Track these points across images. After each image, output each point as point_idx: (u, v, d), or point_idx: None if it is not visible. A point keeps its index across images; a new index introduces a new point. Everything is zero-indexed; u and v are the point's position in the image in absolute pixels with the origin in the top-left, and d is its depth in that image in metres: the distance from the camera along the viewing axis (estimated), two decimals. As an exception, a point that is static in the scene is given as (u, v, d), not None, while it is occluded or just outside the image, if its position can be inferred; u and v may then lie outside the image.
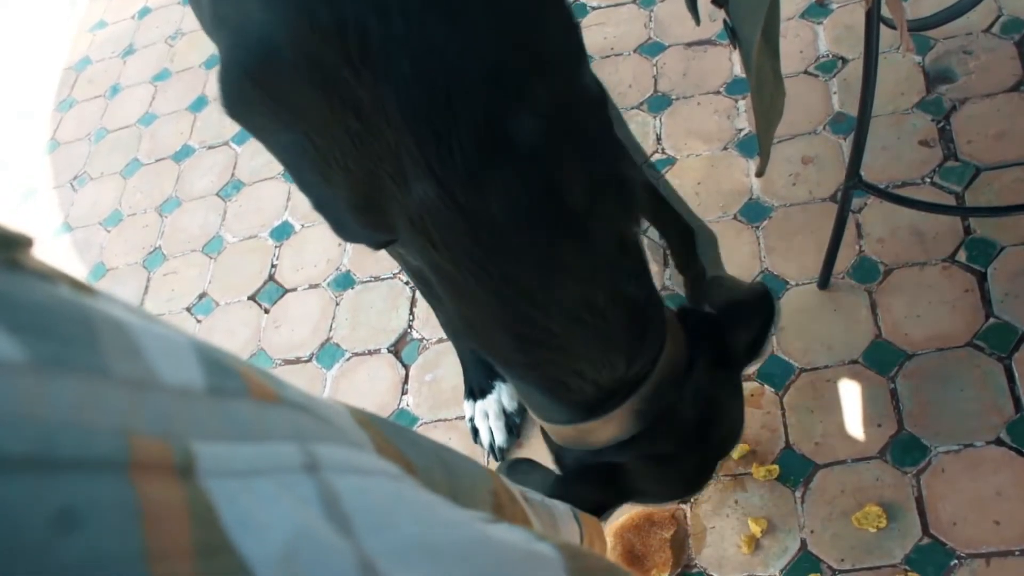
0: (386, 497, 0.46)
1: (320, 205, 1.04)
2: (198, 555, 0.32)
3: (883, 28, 1.31)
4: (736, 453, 1.56)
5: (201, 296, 2.24)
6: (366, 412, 0.64)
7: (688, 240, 1.60)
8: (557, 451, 1.20)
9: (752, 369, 1.64)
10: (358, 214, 0.98)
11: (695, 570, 1.51)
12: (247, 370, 0.44)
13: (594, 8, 2.37)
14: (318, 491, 0.40)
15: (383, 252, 2.07)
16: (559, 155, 0.92)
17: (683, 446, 1.14)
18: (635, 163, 1.15)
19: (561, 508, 1.10)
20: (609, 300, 0.99)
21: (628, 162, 1.14)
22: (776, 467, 1.54)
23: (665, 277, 1.82)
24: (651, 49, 2.23)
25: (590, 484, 1.13)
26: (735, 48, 1.12)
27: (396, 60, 0.83)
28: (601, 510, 1.18)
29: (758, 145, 1.24)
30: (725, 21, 1.13)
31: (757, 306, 1.20)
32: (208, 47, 2.85)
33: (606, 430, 1.08)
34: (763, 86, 1.22)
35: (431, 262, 0.97)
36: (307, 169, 0.96)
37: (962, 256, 1.65)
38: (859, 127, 1.38)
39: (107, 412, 0.32)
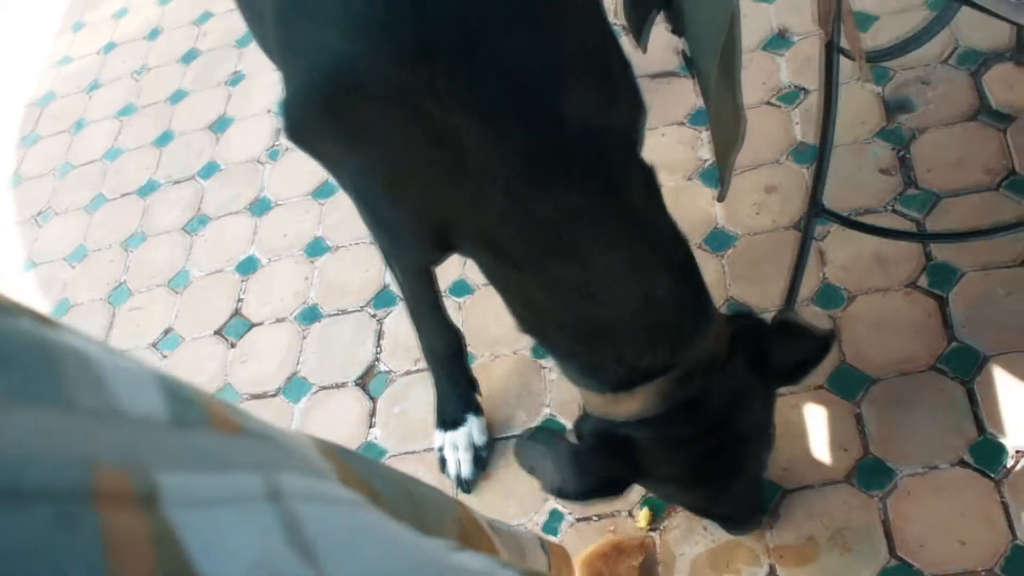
0: (349, 525, 0.46)
1: (381, 225, 1.09)
2: None
3: (843, 59, 1.33)
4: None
5: (167, 331, 2.23)
6: (331, 443, 0.64)
7: None
8: (578, 422, 1.21)
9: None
10: (423, 232, 1.03)
11: (665, 598, 1.51)
12: (209, 401, 0.44)
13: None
14: (281, 519, 0.40)
15: (351, 286, 2.08)
16: (620, 162, 0.99)
17: (701, 433, 1.14)
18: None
19: (528, 537, 1.10)
20: (667, 292, 1.03)
21: None
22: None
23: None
24: (615, 81, 2.25)
25: (607, 453, 1.13)
26: (694, 77, 1.15)
27: (482, 85, 0.86)
28: (615, 486, 1.17)
29: (718, 171, 1.26)
30: (683, 52, 1.15)
31: (814, 337, 1.18)
32: (174, 82, 2.85)
33: (631, 405, 1.09)
34: (721, 115, 1.24)
35: (496, 273, 1.04)
36: (376, 193, 1.00)
37: (923, 282, 1.67)
38: (820, 156, 1.40)
39: (71, 442, 0.33)
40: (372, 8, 0.84)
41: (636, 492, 1.59)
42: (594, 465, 1.14)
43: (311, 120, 0.93)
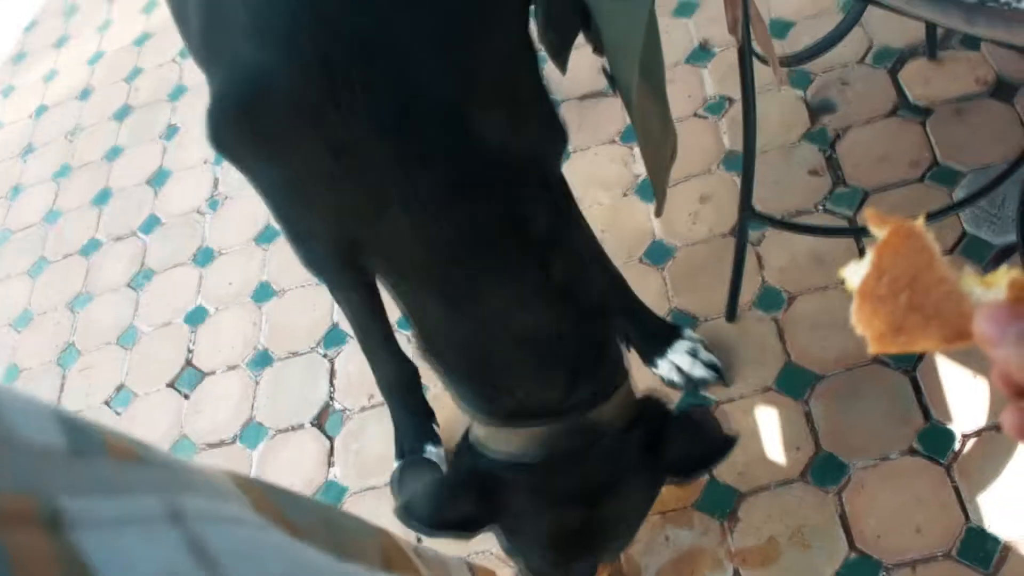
0: (252, 542, 0.47)
1: (295, 239, 1.08)
2: None
3: (763, 67, 1.36)
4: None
5: (119, 388, 2.21)
6: (250, 477, 0.65)
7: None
8: (459, 448, 1.18)
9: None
10: (334, 247, 1.03)
11: (633, 610, 1.52)
12: (107, 433, 0.45)
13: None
14: (184, 538, 0.41)
15: (300, 328, 2.08)
16: (524, 190, 0.98)
17: (568, 497, 1.10)
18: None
19: (455, 562, 1.10)
20: (568, 333, 1.01)
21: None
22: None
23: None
24: (546, 105, 2.27)
25: (472, 494, 1.10)
26: (616, 93, 1.16)
27: (381, 98, 0.87)
28: (467, 527, 1.12)
29: (652, 186, 1.28)
30: (604, 68, 1.17)
31: (711, 440, 1.15)
32: (108, 140, 2.84)
33: (512, 442, 1.07)
34: (649, 129, 1.26)
35: (398, 292, 1.04)
36: (289, 204, 1.01)
37: (860, 277, 1.70)
38: (746, 160, 1.43)
39: None
40: (278, 18, 0.86)
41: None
42: (456, 503, 1.10)
43: (228, 127, 0.95)
